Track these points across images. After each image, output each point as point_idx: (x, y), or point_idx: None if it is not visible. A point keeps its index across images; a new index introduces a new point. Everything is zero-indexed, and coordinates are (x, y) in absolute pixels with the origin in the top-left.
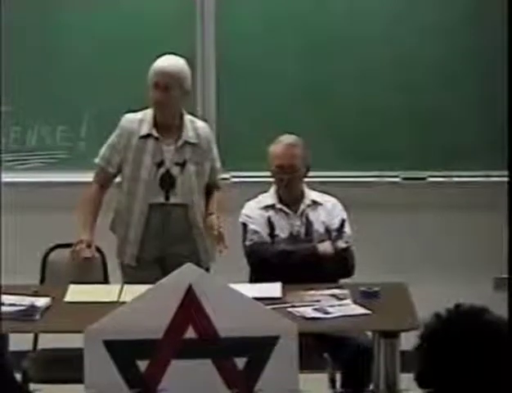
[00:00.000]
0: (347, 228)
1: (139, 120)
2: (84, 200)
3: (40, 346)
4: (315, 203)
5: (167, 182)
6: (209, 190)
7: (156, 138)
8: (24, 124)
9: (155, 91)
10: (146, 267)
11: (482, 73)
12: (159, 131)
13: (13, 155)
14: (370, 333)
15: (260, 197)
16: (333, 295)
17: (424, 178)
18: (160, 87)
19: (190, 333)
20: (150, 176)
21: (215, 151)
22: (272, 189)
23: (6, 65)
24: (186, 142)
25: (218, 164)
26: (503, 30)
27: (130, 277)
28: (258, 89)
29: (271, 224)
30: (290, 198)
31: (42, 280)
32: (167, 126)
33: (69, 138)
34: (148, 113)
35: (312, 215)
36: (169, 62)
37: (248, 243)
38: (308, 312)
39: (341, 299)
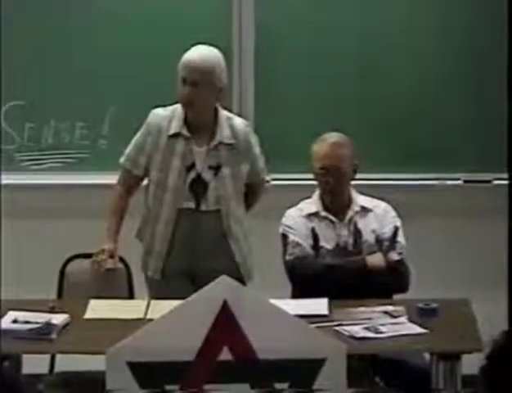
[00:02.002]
0: (400, 238)
1: (168, 117)
2: (108, 205)
3: (57, 369)
4: (364, 209)
5: (198, 189)
6: (251, 191)
7: (187, 138)
8: (39, 120)
9: (183, 86)
10: (173, 280)
11: None
12: (191, 130)
13: (27, 154)
14: (427, 355)
15: (302, 204)
16: (386, 313)
17: (489, 181)
18: (188, 83)
19: (225, 355)
20: (178, 181)
21: (256, 150)
22: (316, 194)
23: (20, 54)
24: (221, 143)
25: (262, 163)
26: None
27: (156, 292)
28: (301, 84)
29: (314, 235)
30: (336, 204)
31: (60, 294)
32: (199, 124)
33: (90, 136)
34: (178, 109)
35: (361, 223)
36: (199, 55)
37: (288, 258)
38: (358, 331)
39: (395, 316)
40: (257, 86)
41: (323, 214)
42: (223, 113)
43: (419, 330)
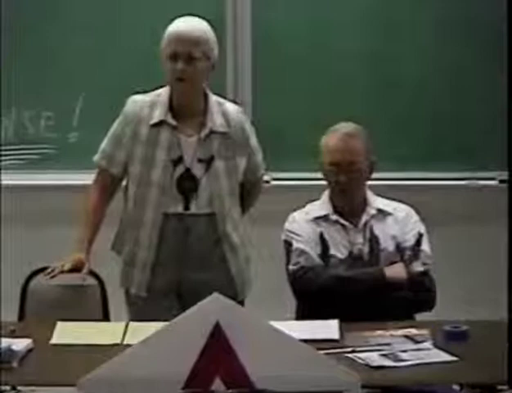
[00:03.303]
0: (425, 246)
1: (149, 103)
2: (82, 210)
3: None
4: (382, 212)
5: (187, 186)
6: (246, 190)
7: (173, 127)
8: None
9: (175, 63)
10: (160, 298)
11: None
12: (177, 117)
13: None
14: (457, 387)
15: (309, 207)
16: (407, 337)
17: None
18: (181, 57)
19: (218, 386)
20: (164, 177)
21: (253, 140)
22: (325, 195)
23: None
24: (213, 132)
25: (259, 157)
26: None
27: (138, 312)
28: (307, 66)
29: (323, 242)
30: (349, 206)
31: (22, 315)
32: (187, 110)
33: (58, 128)
34: (161, 94)
35: (379, 229)
36: (190, 25)
37: (292, 268)
38: (375, 359)
39: (418, 341)
40: (254, 71)
41: (333, 217)
42: (213, 98)
43: (447, 357)
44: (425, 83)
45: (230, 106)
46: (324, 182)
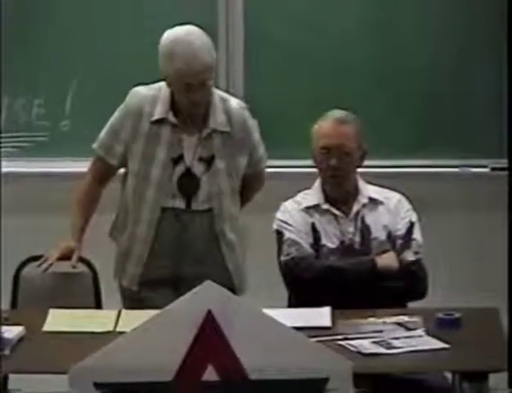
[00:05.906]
0: (416, 235)
1: (152, 98)
2: (75, 197)
3: (11, 391)
4: (373, 201)
5: (187, 185)
6: (247, 183)
7: (174, 125)
8: None
9: (188, 93)
10: (154, 292)
11: None
12: (178, 114)
13: None
14: (449, 374)
15: (301, 195)
16: (399, 324)
17: None
18: (196, 87)
19: (210, 374)
20: (163, 176)
21: (255, 136)
22: (317, 184)
23: None
24: (215, 131)
25: (261, 151)
26: None
27: (132, 305)
28: (298, 60)
29: (315, 232)
30: (340, 194)
31: (14, 303)
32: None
33: (50, 116)
34: (163, 88)
35: (370, 218)
36: (199, 51)
37: (284, 258)
38: (366, 346)
39: (410, 329)
40: (246, 62)
41: (325, 206)
42: (217, 94)
43: (439, 345)
44: (419, 72)
45: (233, 103)
46: (316, 170)
